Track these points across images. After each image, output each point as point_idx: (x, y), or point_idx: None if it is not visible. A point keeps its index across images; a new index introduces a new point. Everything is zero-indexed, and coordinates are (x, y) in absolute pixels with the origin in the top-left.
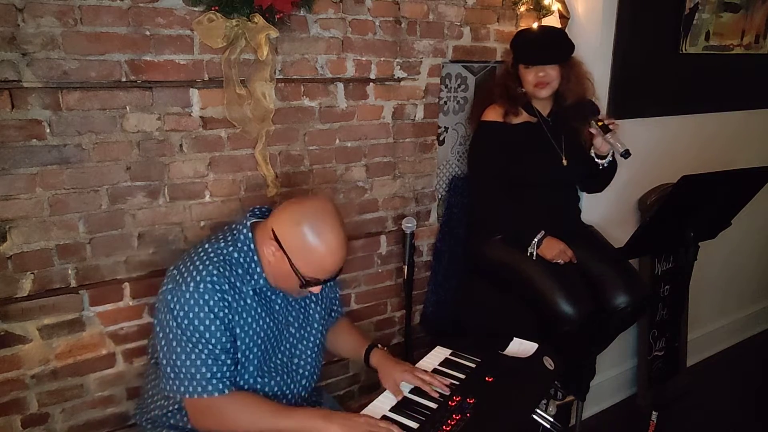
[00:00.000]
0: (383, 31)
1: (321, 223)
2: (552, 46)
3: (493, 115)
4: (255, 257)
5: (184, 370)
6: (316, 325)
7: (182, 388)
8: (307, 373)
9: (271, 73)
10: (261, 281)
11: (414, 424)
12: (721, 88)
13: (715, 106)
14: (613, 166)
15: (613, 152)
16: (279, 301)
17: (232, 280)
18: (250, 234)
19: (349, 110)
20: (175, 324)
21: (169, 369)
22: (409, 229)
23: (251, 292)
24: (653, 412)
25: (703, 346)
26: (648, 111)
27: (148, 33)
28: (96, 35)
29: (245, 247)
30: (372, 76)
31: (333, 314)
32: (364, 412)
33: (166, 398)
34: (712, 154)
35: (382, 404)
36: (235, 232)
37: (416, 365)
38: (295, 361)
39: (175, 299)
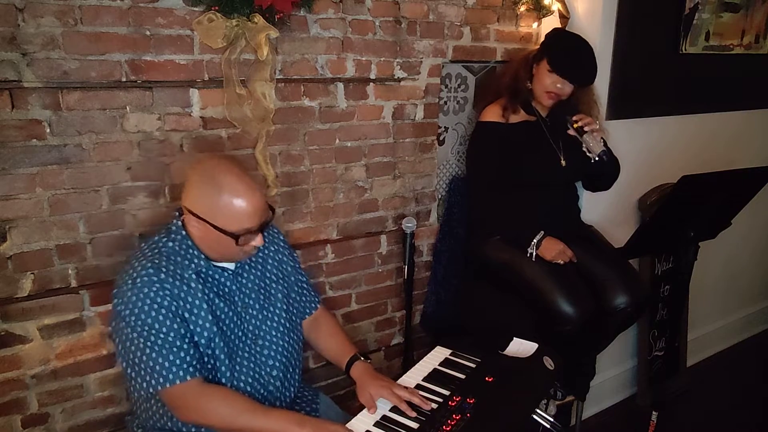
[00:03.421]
0: (383, 31)
1: (220, 176)
2: (585, 66)
3: (491, 115)
4: (189, 241)
5: (143, 366)
6: (279, 305)
7: (144, 384)
8: (273, 353)
9: (271, 73)
10: (201, 263)
11: (414, 424)
12: (721, 88)
13: (715, 106)
14: (608, 162)
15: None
16: (228, 284)
17: (171, 268)
18: (179, 222)
19: (349, 110)
20: (124, 324)
21: (129, 370)
22: (409, 229)
23: (194, 276)
24: (653, 412)
25: (703, 346)
26: (648, 111)
27: (148, 33)
28: (96, 35)
29: (178, 236)
30: (372, 76)
31: (306, 299)
32: (359, 415)
33: (147, 400)
34: (712, 154)
35: (378, 408)
36: (168, 224)
37: (415, 366)
38: (260, 342)
39: (119, 301)
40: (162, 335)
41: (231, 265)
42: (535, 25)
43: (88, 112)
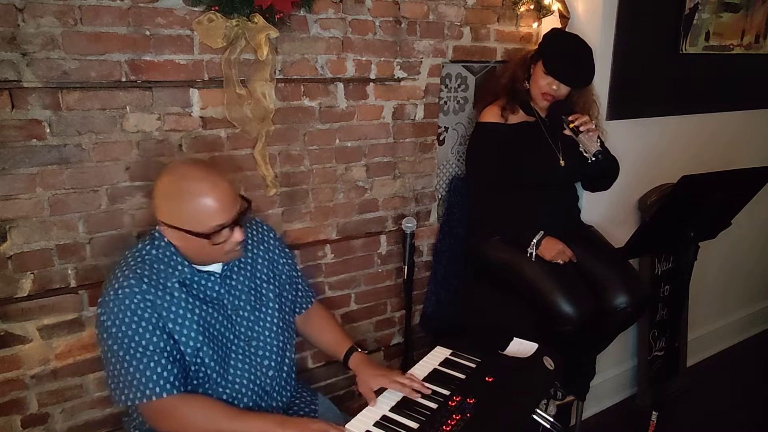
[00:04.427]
0: (383, 31)
1: (180, 181)
2: (581, 68)
3: (490, 115)
4: (172, 248)
5: (121, 378)
6: (271, 305)
7: (122, 396)
8: (268, 353)
9: (271, 73)
10: (186, 270)
11: (414, 424)
12: (721, 88)
13: (715, 106)
14: (605, 162)
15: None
16: (216, 288)
17: (154, 277)
18: (161, 228)
19: (349, 110)
20: (106, 335)
21: (109, 381)
22: (409, 229)
23: (177, 285)
24: (653, 412)
25: (703, 346)
26: (648, 111)
27: (148, 33)
28: (96, 35)
29: (162, 242)
30: (372, 76)
31: (300, 296)
32: (359, 415)
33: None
34: (712, 154)
35: (378, 408)
36: (152, 230)
37: (416, 365)
38: (254, 344)
39: (102, 311)
40: (141, 349)
41: (218, 269)
42: (535, 25)
43: (88, 112)
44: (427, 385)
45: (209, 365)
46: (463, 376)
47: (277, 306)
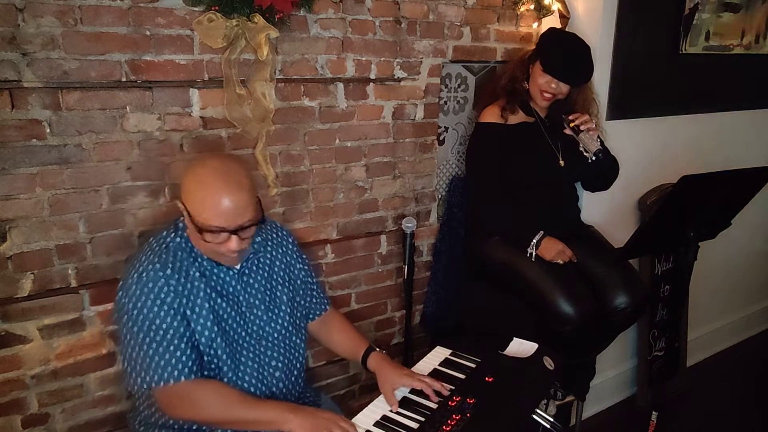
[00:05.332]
0: (383, 31)
1: (205, 169)
2: (579, 66)
3: (490, 116)
4: None
5: (139, 361)
6: (283, 308)
7: (138, 380)
8: (276, 354)
9: (271, 73)
10: (205, 262)
11: (414, 424)
12: (721, 88)
13: (716, 106)
14: (605, 161)
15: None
16: (233, 283)
17: (177, 264)
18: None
19: (349, 110)
20: (126, 317)
21: (126, 364)
22: (409, 229)
23: (198, 275)
24: (653, 412)
25: (703, 346)
26: (648, 111)
27: (148, 33)
28: (96, 35)
29: (185, 233)
30: (372, 76)
31: (314, 302)
32: (360, 414)
33: (148, 397)
34: (712, 154)
35: (378, 408)
36: (176, 219)
37: (416, 365)
38: (264, 343)
39: (123, 294)
40: (161, 332)
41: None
42: (535, 25)
43: (88, 112)
44: (445, 387)
45: (221, 358)
46: (463, 376)
47: (289, 309)
